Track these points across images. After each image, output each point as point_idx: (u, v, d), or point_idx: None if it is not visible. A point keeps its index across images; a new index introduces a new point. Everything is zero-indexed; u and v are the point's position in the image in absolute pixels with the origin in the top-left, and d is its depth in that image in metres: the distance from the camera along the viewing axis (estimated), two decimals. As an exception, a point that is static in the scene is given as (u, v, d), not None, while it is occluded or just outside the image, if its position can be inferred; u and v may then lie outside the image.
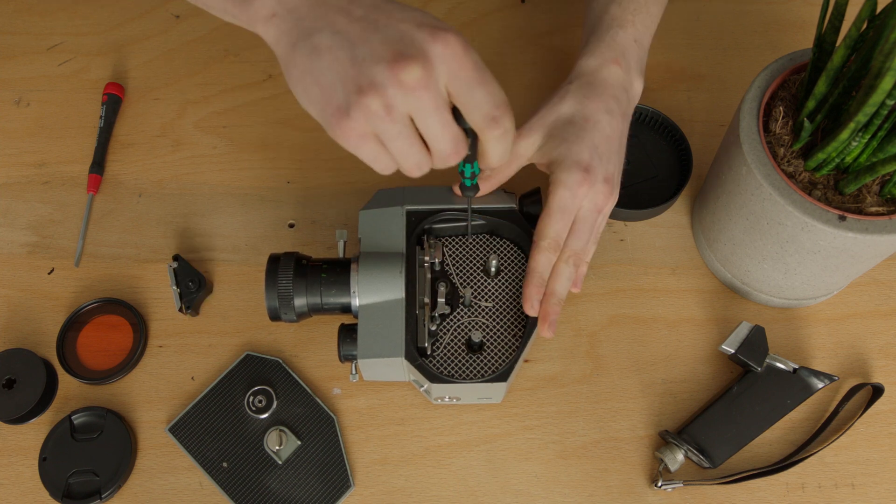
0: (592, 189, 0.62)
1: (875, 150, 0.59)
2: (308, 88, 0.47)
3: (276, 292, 0.65)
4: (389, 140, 0.47)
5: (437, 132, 0.47)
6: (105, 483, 0.67)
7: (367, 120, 0.46)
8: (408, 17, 0.46)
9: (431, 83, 0.45)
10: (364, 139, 0.47)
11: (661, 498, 0.68)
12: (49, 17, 0.89)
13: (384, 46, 0.45)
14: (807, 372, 0.69)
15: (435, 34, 0.45)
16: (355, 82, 0.45)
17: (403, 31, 0.45)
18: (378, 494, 0.68)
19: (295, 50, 0.47)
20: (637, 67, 0.68)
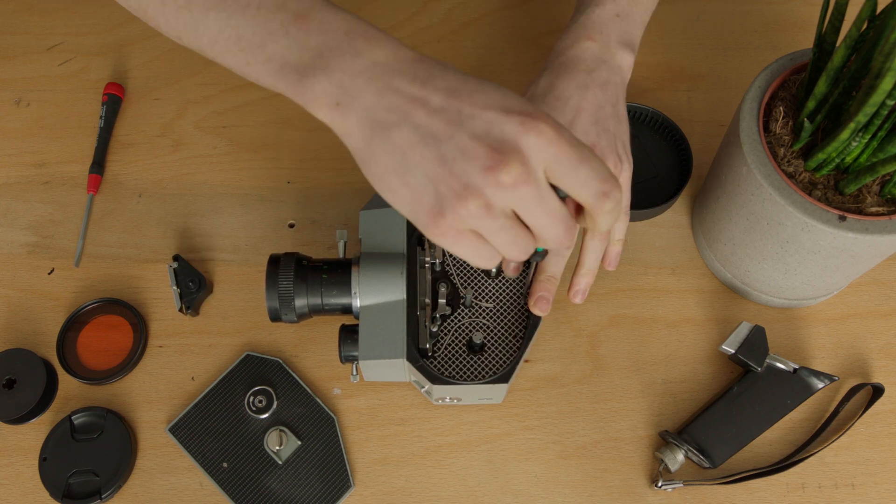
0: None
1: (875, 150, 0.59)
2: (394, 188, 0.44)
3: (277, 293, 0.65)
4: (491, 235, 0.44)
5: (544, 222, 0.44)
6: (105, 483, 0.67)
7: (465, 220, 0.43)
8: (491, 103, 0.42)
9: (531, 178, 0.42)
10: (462, 236, 0.44)
11: (661, 498, 0.68)
12: (49, 17, 0.89)
13: (474, 143, 0.42)
14: (807, 372, 0.69)
15: (526, 124, 0.42)
16: (448, 184, 0.42)
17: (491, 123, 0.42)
18: (378, 495, 0.68)
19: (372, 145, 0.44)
20: (621, 40, 0.65)
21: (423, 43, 0.88)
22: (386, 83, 0.43)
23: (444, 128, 0.42)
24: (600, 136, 0.61)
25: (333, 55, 0.43)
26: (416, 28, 0.89)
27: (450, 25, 0.89)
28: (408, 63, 0.44)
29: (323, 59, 0.44)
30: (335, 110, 0.44)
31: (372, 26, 0.45)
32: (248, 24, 0.45)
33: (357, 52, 0.43)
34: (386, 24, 0.89)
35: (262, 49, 0.45)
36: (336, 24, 0.44)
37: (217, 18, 0.46)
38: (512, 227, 0.44)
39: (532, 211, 0.43)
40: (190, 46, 0.49)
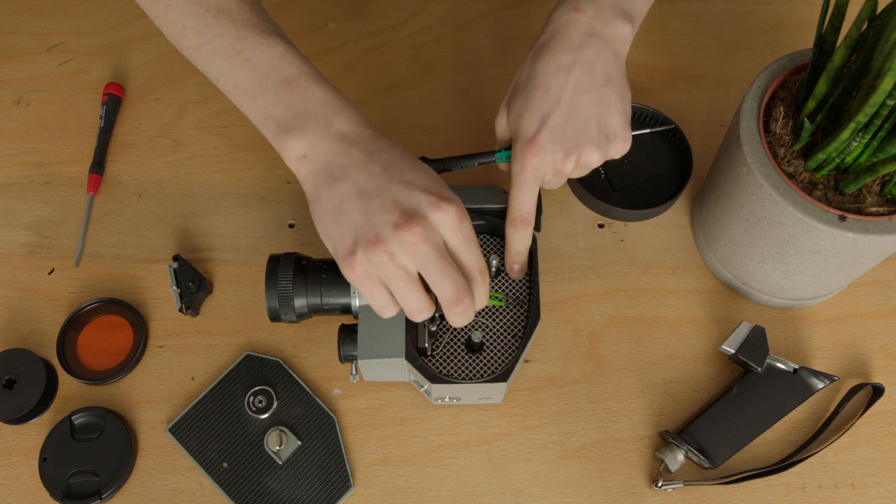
0: (545, 157, 0.59)
1: (875, 151, 0.59)
2: (326, 226, 0.54)
3: (276, 293, 0.65)
4: (391, 282, 0.53)
5: (437, 279, 0.53)
6: (105, 483, 0.67)
7: (373, 263, 0.52)
8: (417, 181, 0.53)
9: (430, 239, 0.52)
10: (366, 277, 0.53)
11: (661, 498, 0.68)
12: (49, 17, 0.89)
13: (393, 205, 0.52)
14: (807, 372, 0.69)
15: (438, 204, 0.52)
16: (365, 232, 0.52)
17: (411, 195, 0.52)
18: (378, 495, 0.68)
19: (319, 191, 0.54)
20: (615, 8, 0.61)
21: (423, 43, 0.88)
22: (343, 148, 0.54)
23: (374, 189, 0.52)
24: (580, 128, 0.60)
25: (309, 120, 0.54)
26: (416, 28, 0.89)
27: (450, 25, 0.89)
28: (364, 137, 0.54)
29: (300, 121, 0.54)
30: (301, 161, 0.54)
31: (345, 101, 0.56)
32: (246, 77, 0.55)
33: (328, 121, 0.54)
34: (386, 24, 0.89)
35: (254, 99, 0.55)
36: (317, 96, 0.55)
37: (221, 65, 0.56)
38: (409, 281, 0.53)
39: (428, 268, 0.52)
40: None
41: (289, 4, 0.90)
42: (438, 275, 0.53)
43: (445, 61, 0.87)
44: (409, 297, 0.54)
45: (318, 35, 0.88)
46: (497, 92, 0.85)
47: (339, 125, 0.54)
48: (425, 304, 0.54)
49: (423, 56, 0.87)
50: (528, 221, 0.63)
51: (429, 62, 0.87)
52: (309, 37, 0.88)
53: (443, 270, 0.53)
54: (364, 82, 0.86)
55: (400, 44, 0.88)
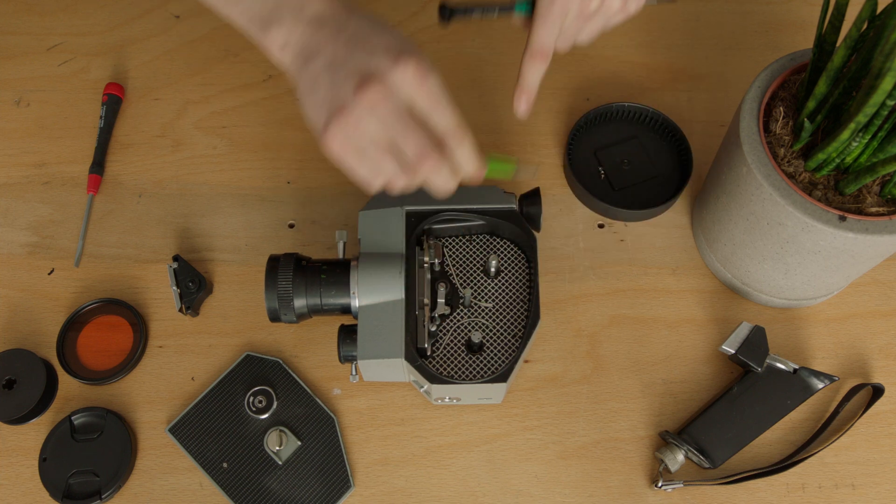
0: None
1: (875, 151, 0.59)
2: (306, 108, 0.54)
3: (276, 293, 0.65)
4: (362, 151, 0.52)
5: (400, 140, 0.52)
6: (105, 483, 0.67)
7: (344, 135, 0.52)
8: (379, 43, 0.52)
9: (389, 99, 0.50)
10: (344, 151, 0.52)
11: (661, 498, 0.68)
12: (49, 17, 0.89)
13: (353, 73, 0.51)
14: (807, 372, 0.69)
15: (396, 59, 0.50)
16: (332, 104, 0.51)
17: (371, 58, 0.51)
18: (378, 495, 0.68)
19: (299, 76, 0.54)
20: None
21: (423, 43, 0.88)
22: (316, 29, 0.53)
23: (340, 61, 0.52)
24: None
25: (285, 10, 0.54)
26: (416, 28, 0.89)
27: (450, 25, 0.89)
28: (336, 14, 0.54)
29: (278, 13, 0.54)
30: (282, 51, 0.54)
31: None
32: None
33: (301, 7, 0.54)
34: (386, 24, 0.89)
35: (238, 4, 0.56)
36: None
37: None
38: (378, 149, 0.52)
39: (390, 131, 0.51)
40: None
41: (289, 4, 0.90)
42: (399, 134, 0.52)
43: (445, 61, 0.87)
44: (381, 165, 0.53)
45: (318, 35, 0.88)
46: (497, 92, 0.85)
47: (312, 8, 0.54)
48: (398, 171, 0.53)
49: (423, 56, 0.87)
50: (547, 56, 0.61)
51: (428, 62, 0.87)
52: (309, 37, 0.88)
53: (403, 129, 0.51)
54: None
55: (400, 44, 0.88)
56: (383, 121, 0.51)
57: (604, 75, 0.86)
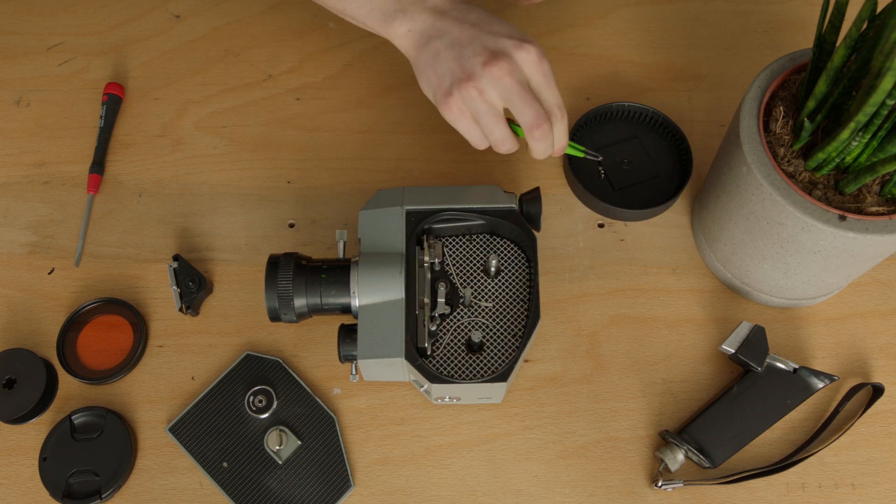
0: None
1: (875, 150, 0.59)
2: (428, 77, 0.63)
3: (276, 293, 0.65)
4: (480, 116, 0.61)
5: (520, 107, 0.61)
6: (105, 483, 0.67)
7: (465, 101, 0.61)
8: (502, 30, 0.62)
9: (514, 73, 0.60)
10: (462, 114, 0.62)
11: (661, 498, 0.68)
12: (49, 17, 0.89)
13: (482, 49, 0.61)
14: (807, 372, 0.69)
15: (520, 45, 0.61)
16: (458, 74, 0.61)
17: (497, 40, 0.61)
18: (378, 494, 0.68)
19: (420, 52, 0.63)
20: None
21: (423, 43, 0.88)
22: (438, 17, 0.63)
23: (466, 40, 0.61)
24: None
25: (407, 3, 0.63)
26: (416, 28, 0.89)
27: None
28: (456, 5, 0.63)
29: (400, 4, 0.63)
30: (406, 36, 0.64)
31: None
32: None
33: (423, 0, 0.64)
34: (386, 24, 0.89)
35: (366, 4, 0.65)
36: None
37: None
38: (494, 115, 0.62)
39: (512, 98, 0.61)
40: None
41: (289, 4, 0.90)
42: (521, 103, 0.61)
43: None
44: (494, 128, 0.62)
45: (318, 35, 0.88)
46: (497, 92, 0.85)
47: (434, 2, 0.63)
48: (508, 136, 0.63)
49: (423, 56, 0.87)
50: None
51: (429, 62, 0.87)
52: (309, 37, 0.88)
53: (524, 99, 0.61)
54: (364, 82, 0.86)
55: (400, 44, 0.88)
56: (505, 91, 0.60)
57: (604, 75, 0.86)
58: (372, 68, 0.87)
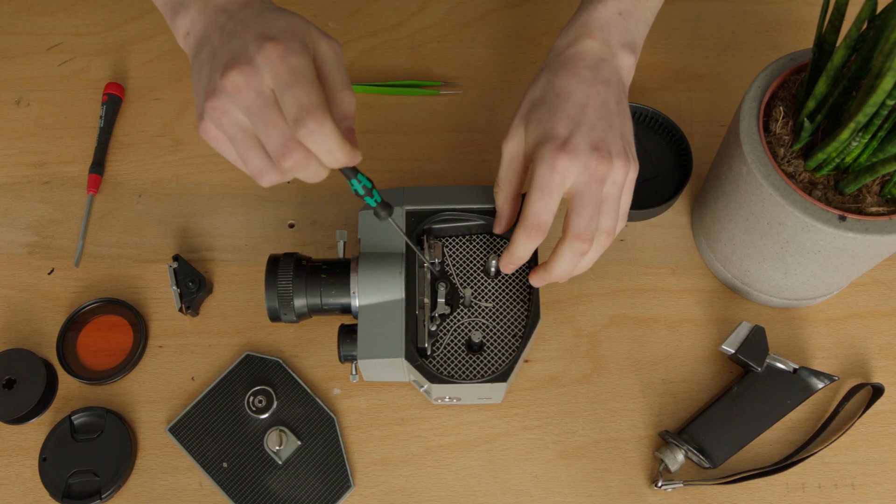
0: (576, 160, 0.57)
1: (875, 150, 0.59)
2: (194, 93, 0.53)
3: (276, 293, 0.65)
4: (233, 141, 0.50)
5: (262, 131, 0.49)
6: (105, 483, 0.67)
7: (215, 123, 0.50)
8: (257, 29, 0.50)
9: (251, 84, 0.48)
10: (217, 141, 0.51)
11: (661, 498, 0.68)
12: (49, 17, 0.89)
13: (225, 57, 0.50)
14: (807, 372, 0.69)
15: (261, 44, 0.48)
16: (208, 89, 0.50)
17: (243, 44, 0.49)
18: (378, 494, 0.68)
19: (193, 64, 0.53)
20: (622, 40, 0.63)
21: (423, 43, 0.88)
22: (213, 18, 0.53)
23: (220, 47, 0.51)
24: (607, 132, 0.59)
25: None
26: (416, 28, 0.89)
27: (450, 25, 0.89)
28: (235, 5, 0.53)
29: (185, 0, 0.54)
30: (185, 39, 0.55)
31: None
32: None
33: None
34: (386, 24, 0.89)
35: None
36: None
37: None
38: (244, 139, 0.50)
39: (252, 119, 0.49)
40: None
41: (289, 4, 0.90)
42: (261, 125, 0.48)
43: (445, 61, 0.87)
44: (247, 155, 0.50)
45: (318, 35, 0.88)
46: (497, 91, 0.85)
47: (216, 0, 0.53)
48: (265, 166, 0.50)
49: (423, 56, 0.87)
50: (543, 230, 0.59)
51: (429, 62, 0.87)
52: (309, 37, 0.88)
53: (265, 119, 0.48)
54: (364, 82, 0.86)
55: (400, 44, 0.88)
56: (247, 108, 0.49)
57: None
58: (372, 68, 0.87)
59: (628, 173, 0.59)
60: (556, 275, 0.61)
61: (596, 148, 0.57)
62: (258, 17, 0.51)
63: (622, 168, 0.58)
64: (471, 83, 0.86)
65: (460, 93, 0.85)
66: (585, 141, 0.57)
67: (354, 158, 0.51)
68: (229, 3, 0.53)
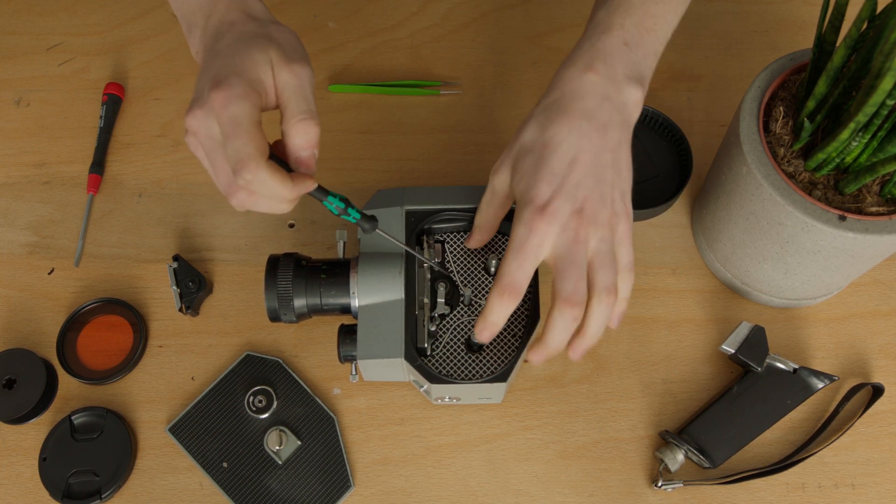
0: (555, 223, 0.55)
1: (875, 150, 0.59)
2: None
3: (276, 293, 0.65)
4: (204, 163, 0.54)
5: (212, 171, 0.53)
6: (105, 483, 0.67)
7: (191, 146, 0.54)
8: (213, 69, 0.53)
9: (204, 129, 0.52)
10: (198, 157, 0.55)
11: (661, 498, 0.68)
12: (49, 17, 0.89)
13: (195, 94, 0.53)
14: (807, 372, 0.69)
15: (210, 89, 0.51)
16: None
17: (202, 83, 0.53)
18: (378, 494, 0.68)
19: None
20: (628, 72, 0.60)
21: (423, 43, 0.88)
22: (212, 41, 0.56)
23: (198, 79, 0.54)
24: (594, 189, 0.56)
25: (199, 14, 0.57)
26: (416, 28, 0.89)
27: (450, 25, 0.89)
28: (225, 26, 0.56)
29: (194, 17, 0.57)
30: (197, 57, 0.58)
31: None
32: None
33: (209, 13, 0.57)
34: (386, 24, 0.89)
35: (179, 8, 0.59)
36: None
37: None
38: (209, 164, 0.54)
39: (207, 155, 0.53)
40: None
41: (289, 4, 0.90)
42: (211, 165, 0.53)
43: (445, 61, 0.87)
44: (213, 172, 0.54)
45: (318, 35, 0.88)
46: (496, 91, 0.85)
47: (215, 17, 0.56)
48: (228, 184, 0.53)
49: (423, 56, 0.87)
50: (518, 293, 0.56)
51: (429, 62, 0.87)
52: (309, 37, 0.88)
53: (213, 161, 0.53)
54: (364, 82, 0.86)
55: (400, 44, 0.88)
56: (203, 146, 0.53)
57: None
58: (372, 68, 0.87)
59: (617, 227, 0.57)
60: (553, 345, 0.56)
61: (578, 210, 0.56)
62: (228, 49, 0.54)
63: (609, 224, 0.56)
64: (471, 83, 0.86)
65: (460, 93, 0.85)
66: (567, 203, 0.56)
67: (305, 188, 0.54)
68: (221, 24, 0.56)
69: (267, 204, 0.54)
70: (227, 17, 0.56)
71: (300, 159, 0.54)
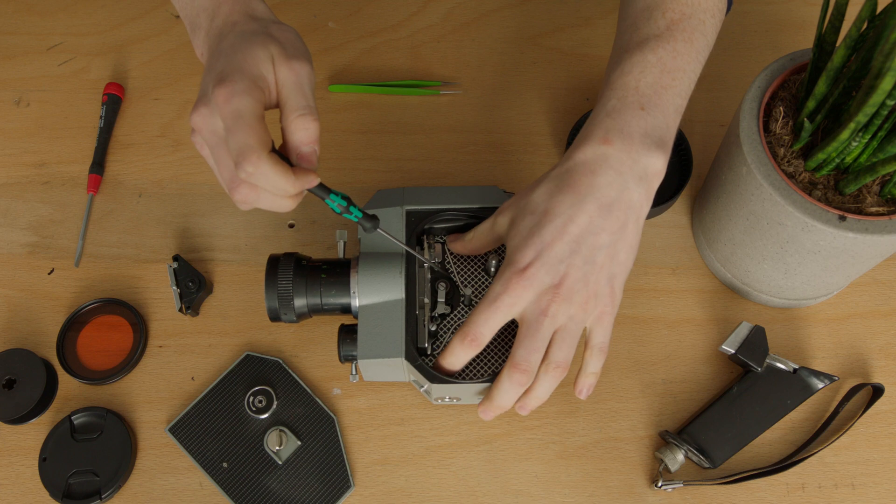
0: (530, 289, 0.56)
1: (875, 151, 0.59)
2: None
3: (276, 293, 0.65)
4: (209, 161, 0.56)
5: (216, 166, 0.55)
6: (105, 483, 0.67)
7: (197, 144, 0.55)
8: (217, 67, 0.53)
9: (208, 125, 0.53)
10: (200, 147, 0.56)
11: (661, 498, 0.68)
12: (49, 17, 0.89)
13: (200, 92, 0.54)
14: (807, 372, 0.69)
15: (214, 86, 0.52)
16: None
17: (207, 81, 0.54)
18: (378, 495, 0.68)
19: None
20: (646, 140, 0.57)
21: (423, 43, 0.88)
22: (215, 41, 0.56)
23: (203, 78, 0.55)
24: (578, 268, 0.56)
25: (203, 16, 0.58)
26: (416, 28, 0.89)
27: (450, 25, 0.89)
28: (228, 27, 0.56)
29: (198, 18, 0.58)
30: (201, 58, 0.58)
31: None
32: None
33: (213, 16, 0.57)
34: (386, 24, 0.89)
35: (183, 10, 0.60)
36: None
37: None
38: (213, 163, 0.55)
39: (211, 151, 0.54)
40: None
41: (289, 4, 0.90)
42: (215, 161, 0.54)
43: (445, 61, 0.87)
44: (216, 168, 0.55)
45: (318, 35, 0.88)
46: (496, 92, 0.85)
47: (219, 19, 0.57)
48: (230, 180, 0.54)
49: (423, 56, 0.87)
50: (478, 343, 0.58)
51: (429, 62, 0.87)
52: (309, 37, 0.88)
53: (217, 156, 0.54)
54: (364, 82, 0.86)
55: (400, 44, 0.88)
56: (207, 143, 0.54)
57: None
58: (372, 68, 0.87)
59: (594, 310, 0.58)
60: (499, 403, 0.60)
61: (557, 285, 0.56)
62: (231, 48, 0.54)
63: (583, 306, 0.57)
64: (471, 83, 0.86)
65: (460, 93, 0.85)
66: (548, 275, 0.56)
67: (307, 183, 0.54)
68: (224, 25, 0.56)
69: (270, 200, 0.54)
70: (230, 18, 0.56)
71: (301, 155, 0.55)
